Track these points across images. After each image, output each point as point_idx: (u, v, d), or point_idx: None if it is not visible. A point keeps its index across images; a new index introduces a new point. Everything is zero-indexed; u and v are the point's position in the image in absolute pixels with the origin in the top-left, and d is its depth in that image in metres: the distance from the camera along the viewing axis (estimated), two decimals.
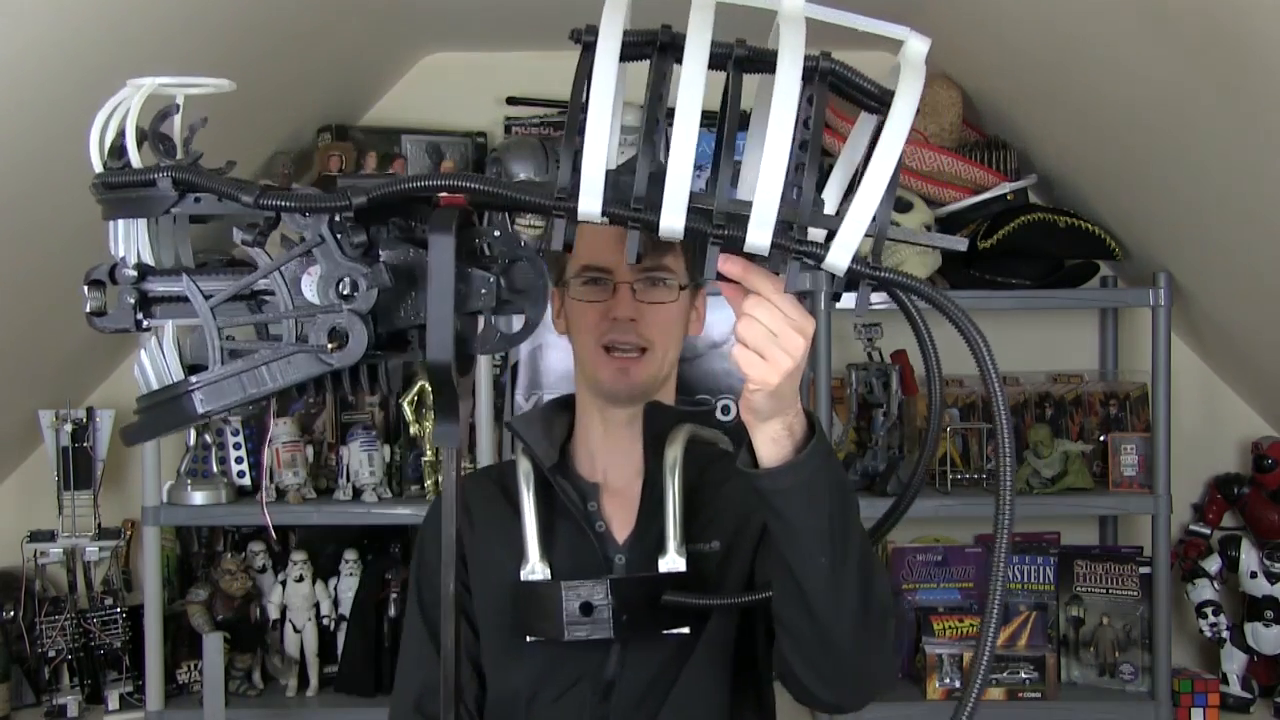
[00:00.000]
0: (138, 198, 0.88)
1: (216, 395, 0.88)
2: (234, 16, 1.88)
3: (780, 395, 0.97)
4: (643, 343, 1.30)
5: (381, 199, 0.86)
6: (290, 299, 0.88)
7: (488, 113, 2.57)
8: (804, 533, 1.03)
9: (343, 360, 0.87)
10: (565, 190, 0.84)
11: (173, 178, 0.87)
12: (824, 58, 0.85)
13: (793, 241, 0.85)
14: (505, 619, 1.31)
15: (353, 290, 0.87)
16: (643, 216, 0.84)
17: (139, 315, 0.89)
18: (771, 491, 1.02)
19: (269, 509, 2.26)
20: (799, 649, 1.11)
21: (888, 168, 0.84)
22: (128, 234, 0.90)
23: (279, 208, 0.86)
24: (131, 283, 0.89)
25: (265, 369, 0.88)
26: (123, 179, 0.88)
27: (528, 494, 1.31)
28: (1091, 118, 2.14)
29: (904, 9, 2.28)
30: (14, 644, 2.36)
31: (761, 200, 0.83)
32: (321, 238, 0.87)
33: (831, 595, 1.04)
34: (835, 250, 0.85)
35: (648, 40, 0.85)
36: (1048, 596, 2.42)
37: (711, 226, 0.85)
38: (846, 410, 2.40)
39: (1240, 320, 2.34)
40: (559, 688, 1.30)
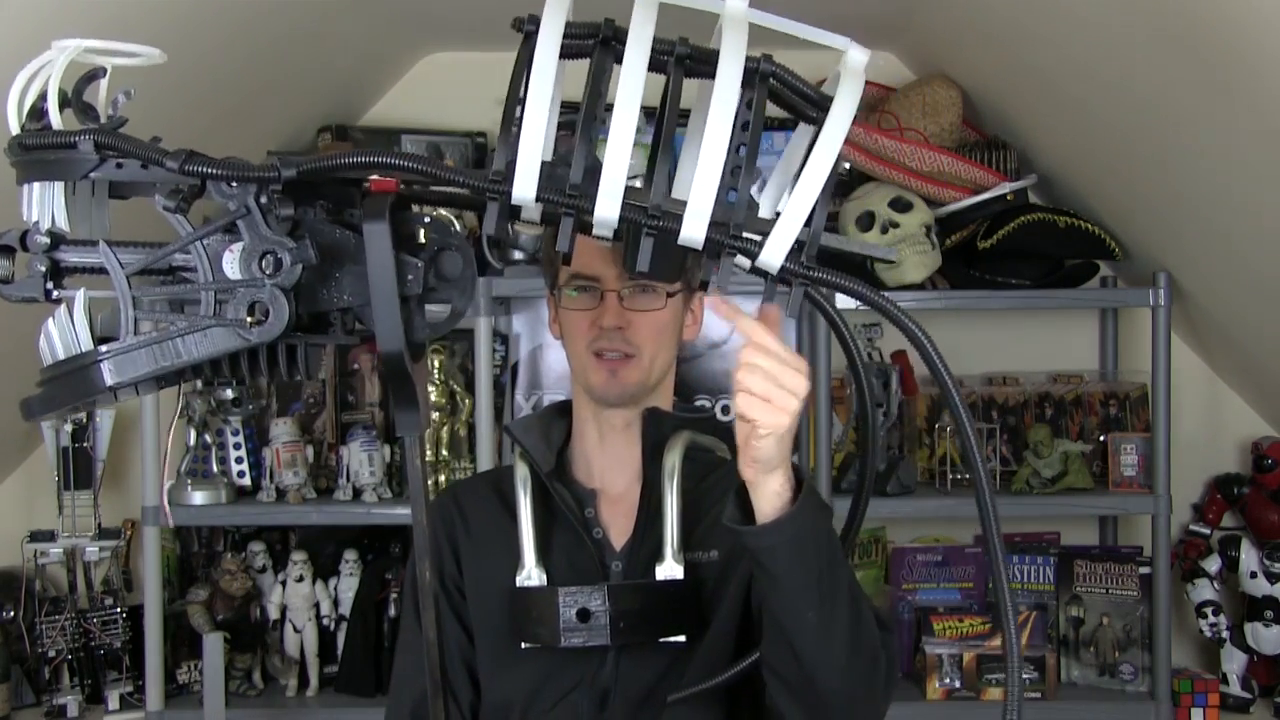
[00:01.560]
0: (56, 160, 0.84)
1: (126, 366, 0.84)
2: (234, 16, 1.88)
3: (785, 441, 0.99)
4: (630, 349, 1.31)
5: (312, 174, 0.84)
6: (211, 272, 0.85)
7: (488, 113, 2.55)
8: (792, 588, 1.04)
9: (261, 336, 0.84)
10: (500, 174, 0.83)
11: (95, 140, 0.83)
12: (765, 60, 0.85)
13: (727, 237, 0.85)
14: (501, 625, 1.31)
15: (276, 267, 0.84)
16: (577, 204, 0.84)
17: (49, 285, 0.85)
18: (760, 549, 1.03)
19: (280, 510, 2.26)
20: (788, 694, 1.13)
21: (823, 171, 0.84)
22: (43, 198, 0.85)
23: (205, 174, 0.82)
24: (43, 250, 0.85)
25: (179, 341, 0.84)
26: (41, 140, 0.84)
27: (525, 499, 1.31)
28: (1091, 118, 2.14)
29: (904, 9, 2.29)
30: (14, 644, 2.36)
31: (698, 193, 0.83)
32: (247, 209, 0.83)
33: (819, 645, 1.06)
34: (769, 248, 0.85)
35: (590, 33, 0.85)
36: (1048, 596, 2.41)
37: (646, 217, 0.85)
38: (846, 410, 2.40)
39: (1240, 320, 2.34)
40: (554, 695, 1.29)
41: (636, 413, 1.35)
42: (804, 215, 0.85)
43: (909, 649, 2.38)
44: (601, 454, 1.37)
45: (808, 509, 1.02)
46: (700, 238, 0.85)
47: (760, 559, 1.04)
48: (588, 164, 0.84)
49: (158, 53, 0.91)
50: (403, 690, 1.37)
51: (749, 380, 0.96)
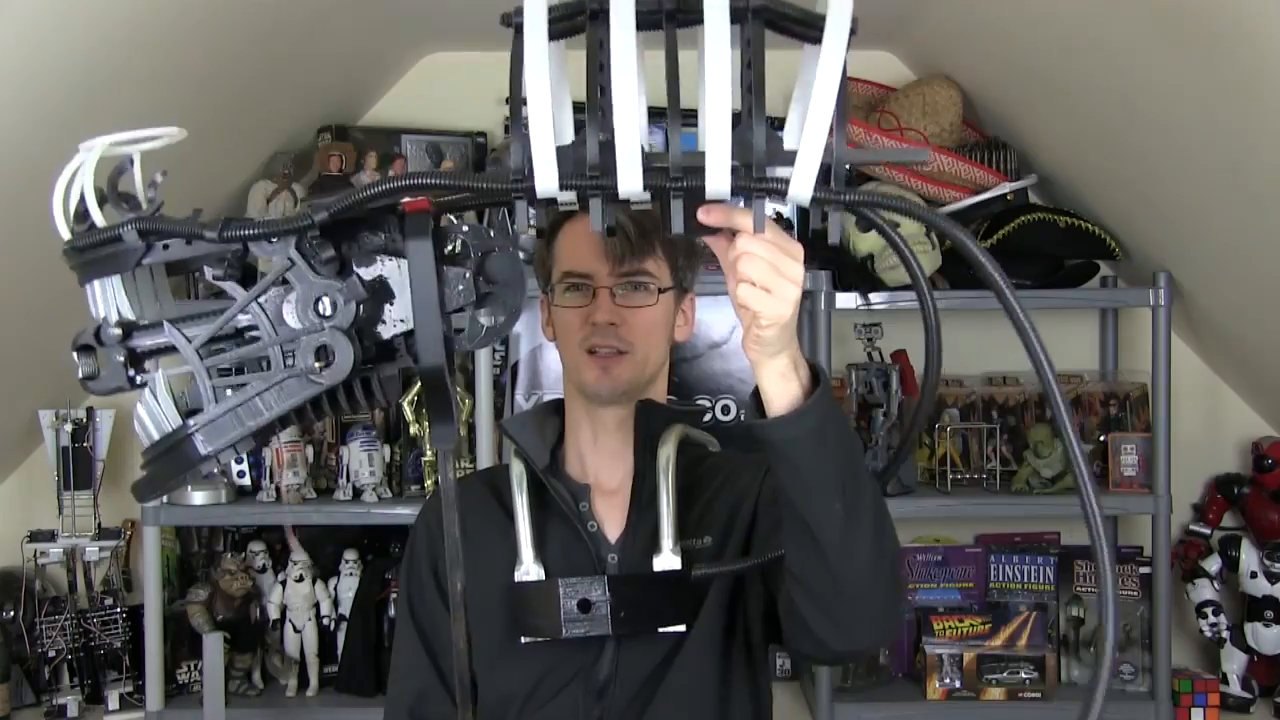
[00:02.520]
0: (108, 255, 0.88)
1: (217, 434, 0.89)
2: (233, 17, 1.88)
3: (790, 326, 0.99)
4: (623, 346, 1.32)
5: (343, 211, 0.86)
6: (273, 328, 0.89)
7: (488, 113, 2.56)
8: (818, 480, 1.03)
9: (332, 377, 0.87)
10: (520, 172, 0.84)
11: (137, 229, 0.87)
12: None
13: (753, 180, 0.84)
14: (499, 620, 1.31)
15: (332, 309, 0.87)
16: (600, 183, 0.84)
17: (130, 372, 0.90)
18: (783, 440, 1.02)
19: (281, 510, 2.27)
20: (814, 600, 1.11)
21: (831, 88, 0.82)
22: (105, 293, 0.90)
23: (243, 238, 0.86)
24: (118, 341, 0.89)
25: (259, 399, 0.88)
26: (89, 240, 0.88)
27: (521, 496, 1.32)
28: (1091, 118, 2.14)
29: (904, 9, 2.29)
30: (14, 644, 2.36)
31: (713, 144, 0.82)
32: (291, 261, 0.87)
33: (847, 541, 1.04)
34: (796, 181, 0.84)
35: (576, 10, 0.85)
36: (1048, 596, 2.41)
37: (669, 180, 0.84)
38: (846, 410, 2.40)
39: (1240, 320, 2.34)
40: (553, 688, 1.30)
41: (629, 409, 1.36)
42: (822, 138, 0.83)
43: (909, 649, 2.38)
44: (594, 450, 1.38)
45: (826, 398, 1.01)
46: (726, 187, 0.84)
47: (784, 450, 1.02)
48: (602, 140, 0.84)
49: (176, 131, 0.93)
50: (400, 688, 1.37)
51: (749, 268, 0.95)
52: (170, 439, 0.89)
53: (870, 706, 2.27)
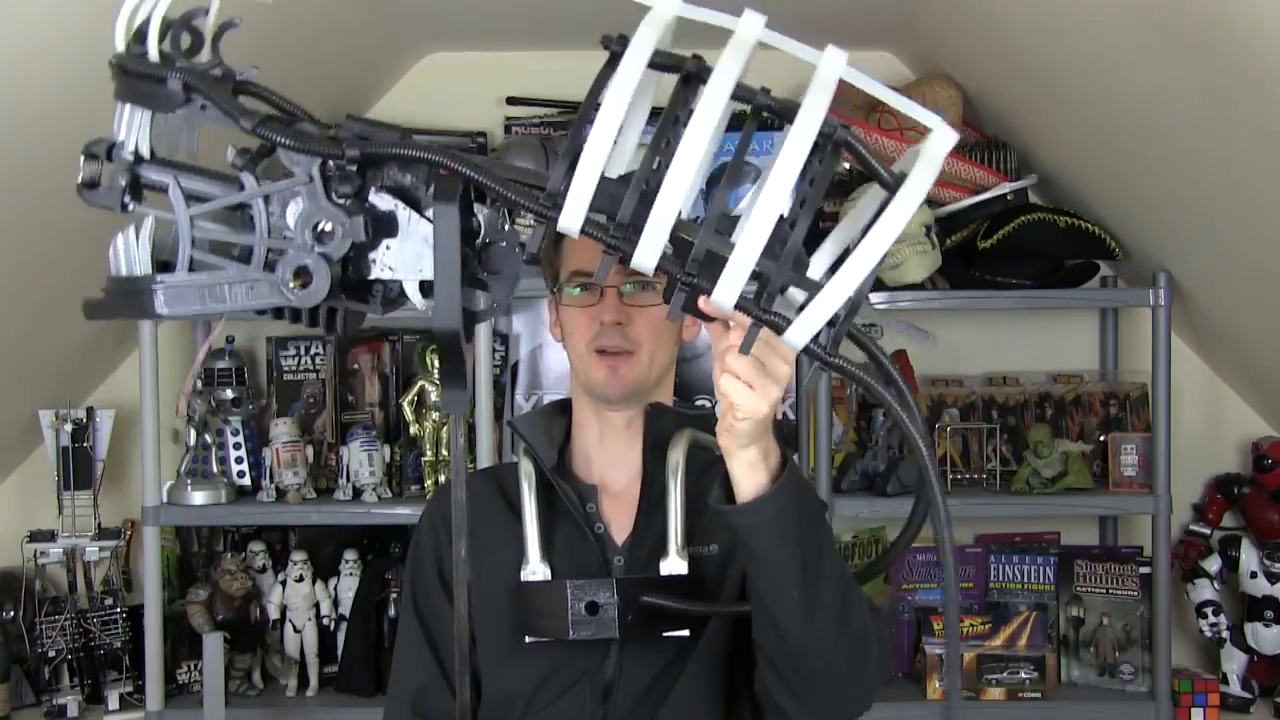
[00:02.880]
0: (148, 90, 0.88)
1: (177, 299, 0.88)
2: (233, 17, 1.88)
3: (764, 422, 1.01)
4: (630, 345, 1.32)
5: (376, 158, 0.88)
6: (267, 226, 0.88)
7: (488, 113, 2.57)
8: (774, 567, 1.06)
9: (302, 301, 0.87)
10: (552, 200, 0.84)
11: (183, 80, 0.87)
12: (842, 128, 0.83)
13: (757, 309, 0.84)
14: (505, 619, 1.31)
15: (328, 236, 0.87)
16: (619, 244, 0.84)
17: (126, 198, 0.89)
18: (743, 527, 1.04)
19: (280, 510, 2.27)
20: (777, 675, 1.14)
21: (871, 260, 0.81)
22: (131, 121, 0.90)
23: (274, 141, 0.86)
24: (126, 166, 0.89)
25: (227, 287, 0.88)
26: (137, 68, 0.88)
27: (529, 495, 1.32)
28: (1091, 118, 2.14)
29: (904, 9, 2.29)
30: (14, 644, 2.36)
31: (736, 261, 0.82)
32: (310, 177, 0.87)
33: (805, 626, 1.07)
34: (795, 330, 0.84)
35: (673, 65, 0.83)
36: (1048, 596, 2.42)
37: (682, 272, 0.84)
38: (846, 410, 2.40)
39: (1240, 320, 2.34)
40: (558, 689, 1.30)
41: (637, 411, 1.35)
42: (842, 299, 0.82)
43: (909, 649, 2.38)
44: (601, 451, 1.38)
45: (789, 488, 1.04)
46: (730, 304, 0.84)
47: (742, 537, 1.05)
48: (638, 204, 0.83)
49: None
50: (402, 684, 1.37)
51: (735, 363, 0.97)
52: (134, 283, 0.89)
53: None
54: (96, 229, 0.92)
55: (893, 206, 0.81)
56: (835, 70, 0.82)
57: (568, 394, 1.45)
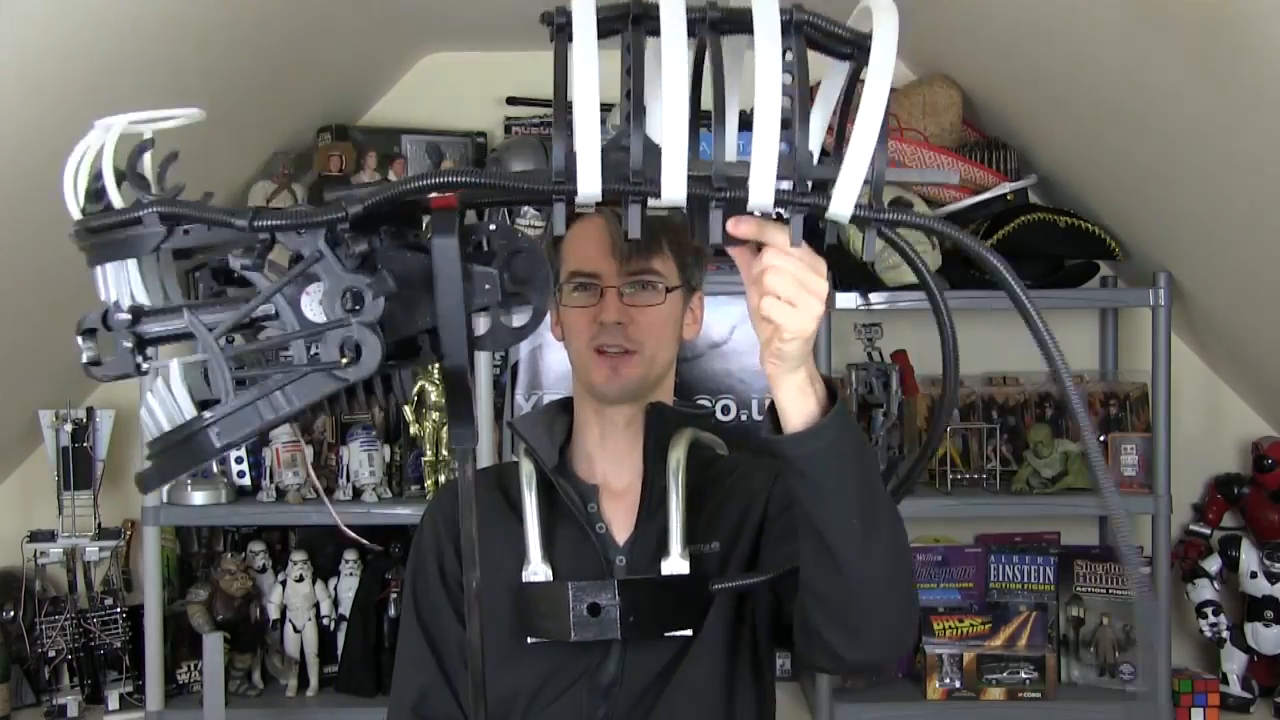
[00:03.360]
0: (124, 239, 0.84)
1: (234, 427, 0.85)
2: (234, 17, 1.88)
3: (810, 342, 0.99)
4: (631, 345, 1.32)
5: (377, 205, 0.84)
6: (296, 321, 0.85)
7: (488, 113, 2.57)
8: (835, 495, 1.03)
9: (357, 374, 0.84)
10: (561, 174, 0.83)
11: (159, 212, 0.83)
12: (797, 10, 0.85)
13: (795, 196, 0.85)
14: (506, 619, 1.31)
15: (357, 303, 0.84)
16: (644, 189, 0.83)
17: (138, 359, 0.86)
18: (801, 456, 1.02)
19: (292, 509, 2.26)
20: (829, 613, 1.11)
21: (878, 110, 0.83)
22: (117, 278, 0.86)
23: (274, 228, 0.83)
24: (126, 326, 0.85)
25: (280, 393, 0.85)
26: (106, 221, 0.84)
27: (530, 495, 1.32)
28: (1091, 118, 2.14)
29: (904, 9, 2.28)
30: (14, 644, 2.36)
31: (759, 158, 0.83)
32: (320, 253, 0.84)
33: (864, 555, 1.04)
34: (837, 198, 0.85)
35: (619, 15, 0.84)
36: (1048, 596, 2.41)
37: (713, 190, 0.84)
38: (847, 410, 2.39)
39: (1240, 320, 2.34)
40: (559, 688, 1.30)
41: (638, 410, 1.36)
42: (867, 158, 0.84)
43: (909, 649, 2.38)
44: (603, 451, 1.38)
45: (843, 415, 1.01)
46: (769, 201, 0.84)
47: (801, 467, 1.02)
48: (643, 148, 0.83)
49: (197, 112, 0.91)
50: (404, 687, 1.37)
51: (775, 282, 0.95)
52: (184, 430, 0.85)
53: (870, 706, 2.27)
54: None
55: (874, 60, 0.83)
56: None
57: (568, 394, 1.45)
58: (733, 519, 1.32)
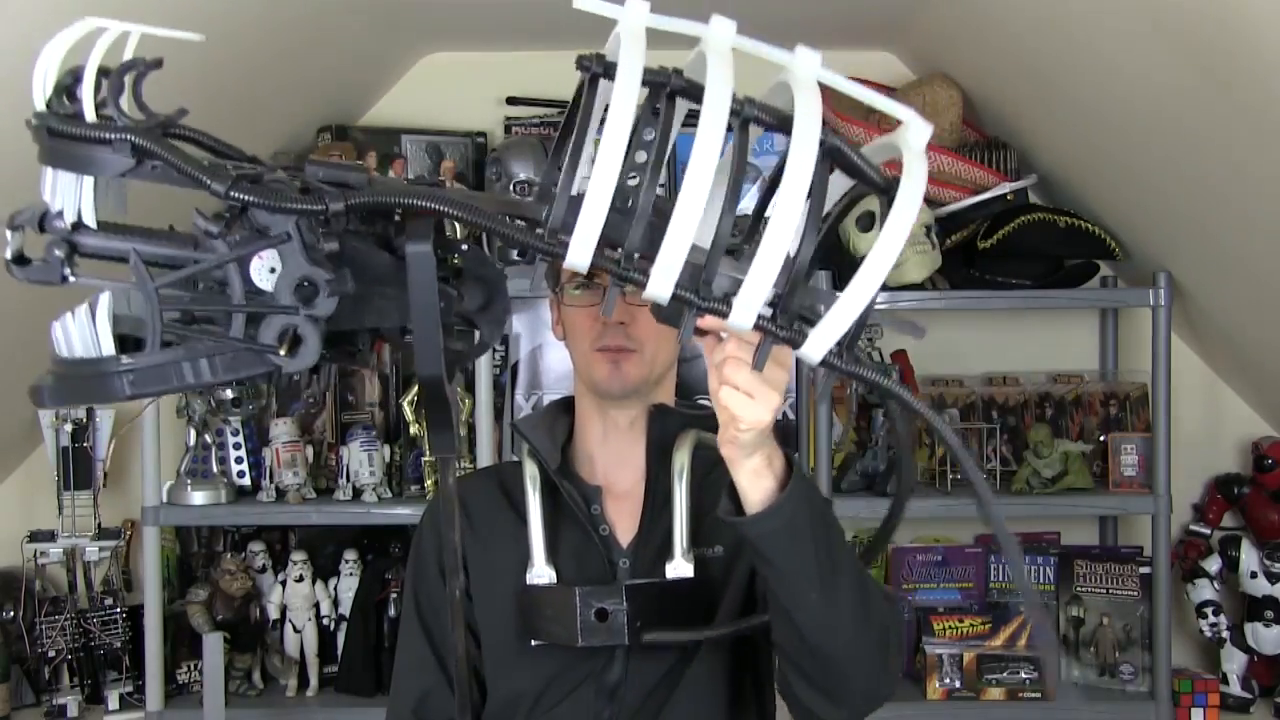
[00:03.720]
0: (86, 154, 0.77)
1: (148, 380, 0.79)
2: (233, 16, 1.88)
3: (767, 431, 0.99)
4: (632, 344, 1.32)
5: (359, 208, 0.79)
6: (243, 292, 0.80)
7: (488, 113, 2.57)
8: (793, 570, 1.04)
9: (290, 367, 0.80)
10: (555, 236, 0.79)
11: (133, 143, 0.76)
12: (831, 134, 0.80)
13: (774, 325, 0.82)
14: (510, 622, 1.31)
15: (311, 295, 0.79)
16: (631, 276, 0.79)
17: (65, 270, 0.79)
18: (756, 537, 1.03)
19: (277, 510, 2.26)
20: (802, 676, 1.13)
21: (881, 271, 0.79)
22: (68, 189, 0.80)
23: (249, 203, 0.77)
24: (63, 236, 0.79)
25: (206, 360, 0.79)
26: (73, 130, 0.77)
27: (534, 497, 1.31)
28: (1091, 118, 2.14)
29: (904, 9, 2.29)
30: (14, 644, 2.36)
31: (751, 287, 0.79)
32: (288, 235, 0.79)
33: (825, 624, 1.06)
34: (812, 342, 0.81)
35: (659, 83, 0.79)
36: (1048, 596, 2.41)
37: (698, 297, 0.81)
38: (846, 410, 2.40)
39: (1240, 320, 2.34)
40: (563, 690, 1.30)
41: (640, 410, 1.36)
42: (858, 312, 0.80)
43: (909, 649, 2.38)
44: (605, 451, 1.38)
45: (799, 492, 1.03)
46: (749, 325, 0.81)
47: (757, 546, 1.04)
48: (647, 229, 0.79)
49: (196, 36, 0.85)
50: (404, 689, 1.37)
51: (733, 374, 0.95)
52: (97, 366, 0.80)
53: None
54: None
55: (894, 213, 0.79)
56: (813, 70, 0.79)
57: (568, 393, 1.45)
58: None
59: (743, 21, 0.83)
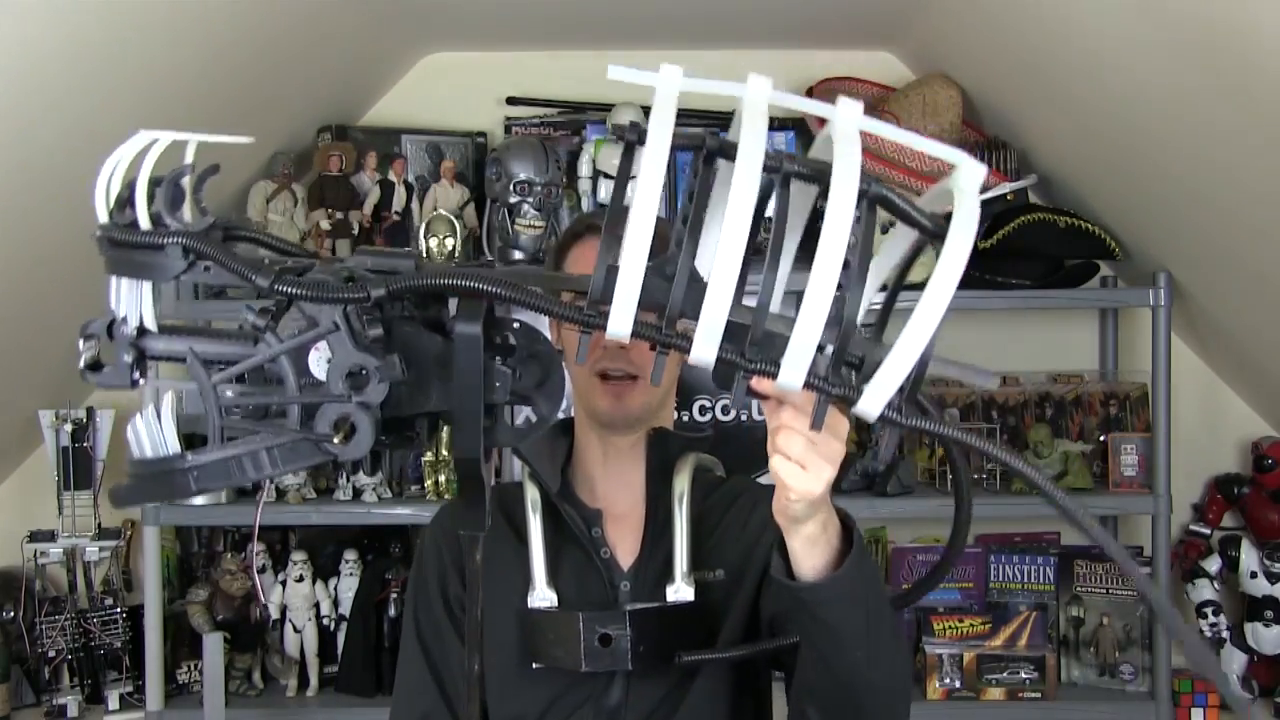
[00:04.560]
0: (143, 260, 0.82)
1: (212, 476, 0.84)
2: (234, 16, 1.88)
3: (819, 500, 0.96)
4: (634, 370, 1.31)
5: (402, 292, 0.82)
6: (296, 380, 0.84)
7: (488, 113, 2.57)
8: (841, 633, 1.03)
9: (346, 455, 0.83)
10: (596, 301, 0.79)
11: (184, 245, 0.81)
12: (875, 183, 0.79)
13: (825, 384, 0.79)
14: (512, 644, 1.30)
15: (361, 382, 0.83)
16: (674, 343, 0.79)
17: (135, 374, 0.85)
18: (817, 603, 1.01)
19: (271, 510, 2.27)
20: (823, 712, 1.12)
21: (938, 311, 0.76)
22: (130, 295, 0.85)
23: (294, 296, 0.81)
24: (130, 340, 0.84)
25: (265, 453, 0.84)
26: (129, 239, 0.82)
27: (535, 521, 1.31)
28: (1091, 118, 2.13)
29: (904, 9, 2.29)
30: (14, 644, 2.36)
31: (798, 343, 0.77)
32: (336, 325, 0.82)
33: (867, 678, 1.05)
34: (868, 398, 0.79)
35: (694, 146, 0.80)
36: (1048, 596, 2.42)
37: (744, 359, 0.79)
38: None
39: (1240, 320, 2.34)
40: (564, 711, 1.30)
41: (641, 434, 1.35)
42: (912, 360, 0.77)
43: (909, 649, 2.38)
44: (605, 475, 1.38)
45: (858, 559, 1.00)
46: (798, 386, 0.79)
47: (816, 613, 1.02)
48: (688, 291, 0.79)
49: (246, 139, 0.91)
50: (403, 709, 1.36)
51: (788, 443, 0.92)
52: (164, 464, 0.84)
53: None
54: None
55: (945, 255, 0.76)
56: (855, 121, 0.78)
57: (568, 417, 1.44)
58: (738, 548, 1.32)
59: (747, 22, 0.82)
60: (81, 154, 0.90)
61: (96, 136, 1.88)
